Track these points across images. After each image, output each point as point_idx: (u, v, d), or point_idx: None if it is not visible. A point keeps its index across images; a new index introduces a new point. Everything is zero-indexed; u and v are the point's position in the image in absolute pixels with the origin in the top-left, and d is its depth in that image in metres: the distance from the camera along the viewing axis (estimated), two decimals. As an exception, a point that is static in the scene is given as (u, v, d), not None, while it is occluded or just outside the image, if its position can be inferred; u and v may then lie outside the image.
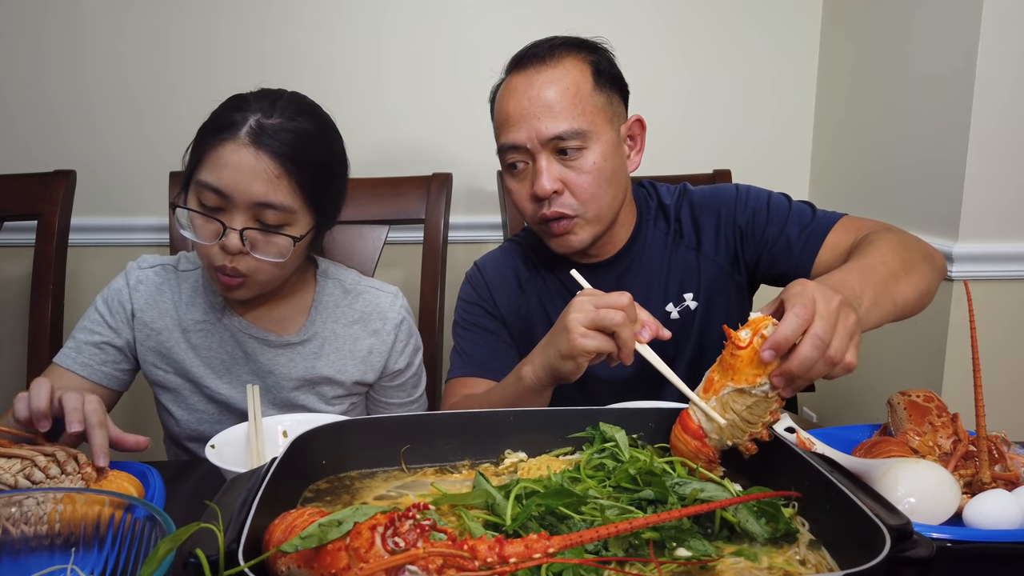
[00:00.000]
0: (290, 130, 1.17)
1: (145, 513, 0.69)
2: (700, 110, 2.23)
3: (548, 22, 2.11)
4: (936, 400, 1.07)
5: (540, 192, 1.24)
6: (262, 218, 1.17)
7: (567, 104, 1.24)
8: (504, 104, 1.28)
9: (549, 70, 1.25)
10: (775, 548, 0.72)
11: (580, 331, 1.00)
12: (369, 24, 2.11)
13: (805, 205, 1.33)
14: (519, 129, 1.25)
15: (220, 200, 1.16)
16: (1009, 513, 0.82)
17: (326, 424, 0.90)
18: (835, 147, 2.21)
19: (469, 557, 0.56)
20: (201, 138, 1.19)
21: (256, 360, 1.31)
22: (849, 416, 2.06)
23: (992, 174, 1.67)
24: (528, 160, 1.27)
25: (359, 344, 1.35)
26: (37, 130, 2.07)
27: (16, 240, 1.95)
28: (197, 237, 1.18)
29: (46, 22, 2.04)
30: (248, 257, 1.18)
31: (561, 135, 1.23)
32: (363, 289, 1.39)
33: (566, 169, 1.25)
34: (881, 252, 1.10)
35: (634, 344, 1.01)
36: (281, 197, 1.16)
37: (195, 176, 1.17)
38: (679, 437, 0.91)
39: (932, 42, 1.78)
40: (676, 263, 1.37)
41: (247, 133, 1.15)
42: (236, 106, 1.19)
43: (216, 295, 1.31)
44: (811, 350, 0.81)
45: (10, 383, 2.12)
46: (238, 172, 1.14)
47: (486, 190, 2.17)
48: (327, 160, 1.24)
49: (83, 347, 1.29)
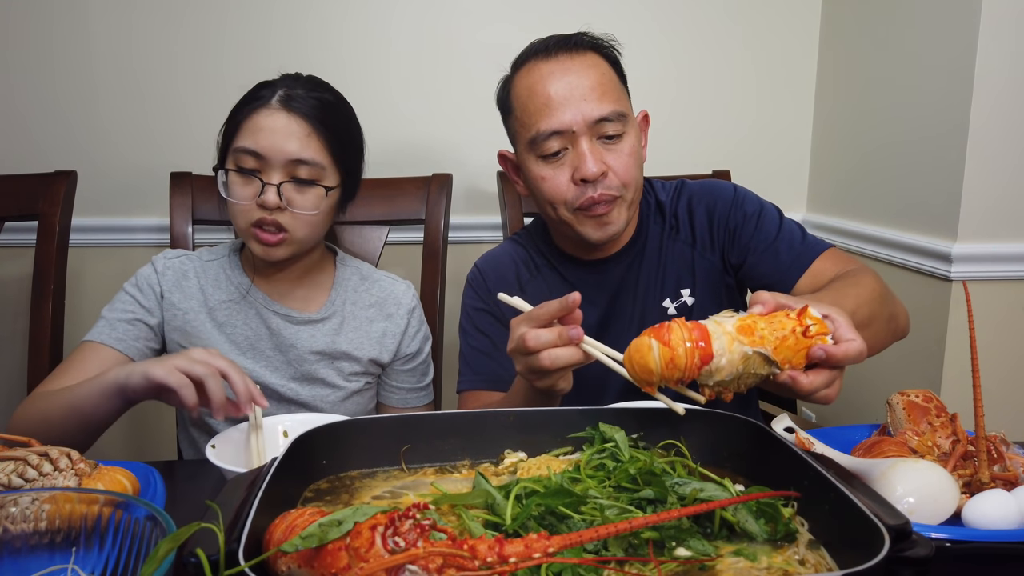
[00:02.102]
0: (315, 97, 1.32)
1: (145, 513, 0.69)
2: (699, 110, 2.23)
3: (548, 23, 2.11)
4: (935, 400, 1.07)
5: (588, 175, 1.23)
6: (296, 175, 1.29)
7: (608, 87, 1.25)
8: (539, 89, 1.25)
9: (580, 57, 1.26)
10: (774, 548, 0.72)
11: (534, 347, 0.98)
12: (369, 25, 2.11)
13: (795, 224, 1.34)
14: (563, 111, 1.23)
15: (257, 162, 1.28)
16: (1008, 513, 0.82)
17: (326, 424, 0.90)
18: (834, 147, 2.21)
19: (469, 557, 0.56)
20: (234, 115, 1.32)
21: (279, 335, 1.39)
22: (848, 416, 2.06)
23: (991, 174, 1.67)
24: (568, 145, 1.25)
25: (374, 326, 1.44)
26: (38, 131, 2.07)
27: (16, 240, 1.95)
28: (236, 198, 1.30)
29: (47, 23, 2.04)
30: (285, 213, 1.29)
31: (608, 116, 1.23)
32: (378, 278, 1.49)
33: (607, 151, 1.25)
34: (860, 296, 1.12)
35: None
36: (312, 153, 1.29)
37: (232, 145, 1.30)
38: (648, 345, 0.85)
39: (931, 42, 1.78)
40: (673, 259, 1.37)
41: (278, 100, 1.30)
42: (263, 85, 1.33)
43: (241, 276, 1.41)
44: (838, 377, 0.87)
45: (10, 383, 2.12)
46: (273, 133, 1.28)
47: (486, 190, 2.18)
48: (348, 126, 1.38)
49: (116, 324, 1.33)
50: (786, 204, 2.34)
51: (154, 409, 1.47)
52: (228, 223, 1.78)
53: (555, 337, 0.97)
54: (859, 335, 0.87)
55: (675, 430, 0.93)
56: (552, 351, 0.97)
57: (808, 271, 1.27)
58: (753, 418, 0.91)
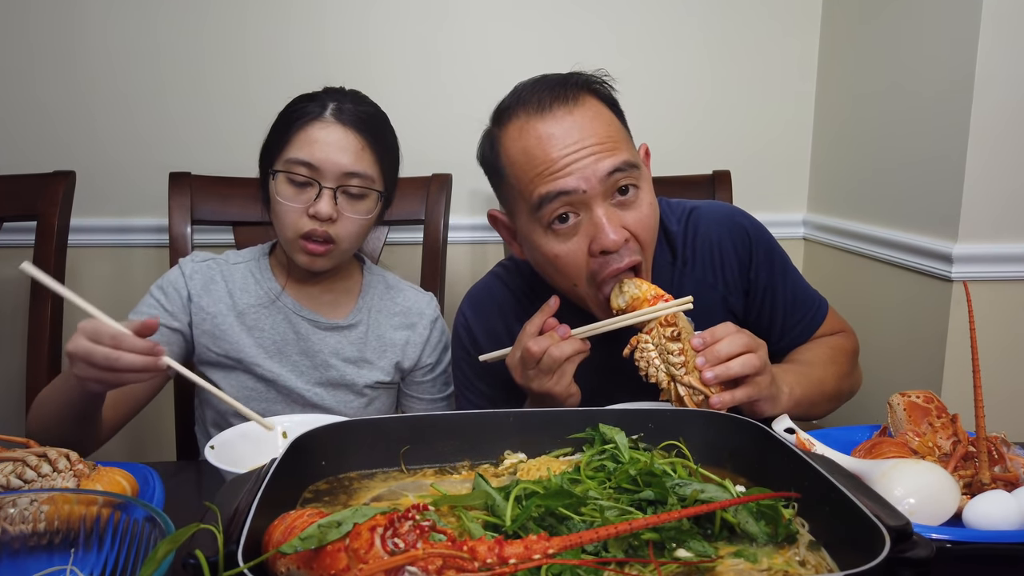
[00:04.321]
0: (365, 111, 1.35)
1: (144, 514, 0.69)
2: (699, 111, 2.22)
3: (549, 22, 2.12)
4: (936, 401, 1.07)
5: (609, 246, 1.11)
6: (347, 186, 1.31)
7: (616, 138, 1.14)
8: (538, 154, 1.12)
9: (579, 109, 1.13)
10: (775, 549, 0.72)
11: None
12: (370, 25, 2.11)
13: (801, 276, 1.37)
14: (569, 174, 1.10)
15: (310, 173, 1.30)
16: (1008, 514, 0.82)
17: (325, 425, 0.90)
18: (834, 148, 2.21)
19: (469, 558, 0.56)
20: (285, 125, 1.33)
21: (307, 340, 1.41)
22: (848, 417, 2.05)
23: (992, 175, 1.67)
24: (577, 211, 1.13)
25: (398, 335, 1.46)
26: (37, 131, 2.07)
27: (16, 240, 1.95)
28: (290, 204, 1.30)
29: (47, 23, 2.03)
30: (336, 224, 1.31)
31: (619, 167, 1.11)
32: (403, 288, 1.52)
33: (624, 212, 1.14)
34: (830, 375, 1.28)
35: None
36: (365, 167, 1.32)
37: (284, 155, 1.31)
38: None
39: (931, 43, 1.78)
40: (678, 292, 1.33)
41: (331, 113, 1.32)
42: (309, 98, 1.35)
43: (270, 281, 1.42)
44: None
45: (10, 383, 2.12)
46: (328, 146, 1.29)
47: (486, 191, 2.17)
48: (392, 139, 1.41)
49: None
50: (786, 204, 2.36)
51: (153, 410, 1.47)
52: (227, 223, 1.79)
53: (550, 339, 1.10)
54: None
55: (675, 431, 0.93)
56: (557, 344, 1.09)
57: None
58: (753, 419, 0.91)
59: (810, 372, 1.24)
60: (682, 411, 0.96)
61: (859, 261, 2.08)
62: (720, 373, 1.04)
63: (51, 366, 1.63)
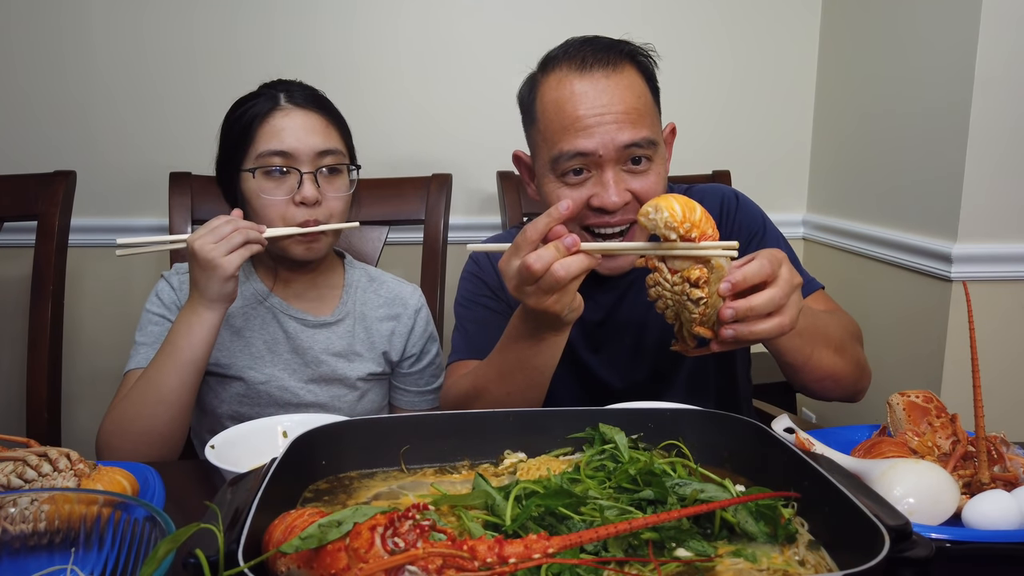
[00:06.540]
0: (312, 92, 1.37)
1: (145, 513, 0.69)
2: (699, 111, 2.23)
3: (548, 25, 2.12)
4: (935, 401, 1.07)
5: (608, 205, 1.18)
6: (324, 168, 1.33)
7: (643, 112, 1.19)
8: (568, 109, 1.18)
9: (617, 76, 1.19)
10: (774, 549, 0.72)
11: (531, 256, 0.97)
12: (369, 26, 2.11)
13: (793, 253, 1.32)
14: (590, 135, 1.17)
15: (285, 161, 1.30)
16: (1008, 514, 0.82)
17: (326, 424, 0.90)
18: (834, 148, 2.21)
19: (469, 557, 0.56)
20: (242, 126, 1.32)
21: (296, 339, 1.41)
22: (848, 416, 2.06)
23: (991, 175, 1.67)
24: (591, 168, 1.20)
25: (384, 326, 1.47)
26: (37, 131, 2.07)
27: (16, 240, 1.95)
28: (273, 198, 1.30)
29: (46, 23, 2.04)
30: (322, 207, 1.32)
31: (638, 142, 1.18)
32: (385, 279, 1.52)
33: (632, 179, 1.20)
34: (836, 326, 1.20)
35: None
36: (334, 142, 1.34)
37: (253, 152, 1.31)
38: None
39: (931, 42, 1.78)
40: None
41: (286, 100, 1.32)
42: (257, 94, 1.35)
43: (257, 283, 1.43)
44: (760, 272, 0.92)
45: (10, 383, 2.12)
46: (296, 130, 1.31)
47: (486, 191, 2.18)
48: (341, 115, 1.41)
49: (156, 346, 1.30)
50: (786, 204, 2.36)
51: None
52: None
53: (555, 251, 0.95)
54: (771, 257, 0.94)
55: (675, 431, 0.93)
56: (563, 261, 0.95)
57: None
58: (752, 418, 0.91)
59: (810, 311, 1.16)
60: (682, 411, 0.96)
61: (859, 261, 2.08)
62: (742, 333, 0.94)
63: (50, 366, 1.63)
